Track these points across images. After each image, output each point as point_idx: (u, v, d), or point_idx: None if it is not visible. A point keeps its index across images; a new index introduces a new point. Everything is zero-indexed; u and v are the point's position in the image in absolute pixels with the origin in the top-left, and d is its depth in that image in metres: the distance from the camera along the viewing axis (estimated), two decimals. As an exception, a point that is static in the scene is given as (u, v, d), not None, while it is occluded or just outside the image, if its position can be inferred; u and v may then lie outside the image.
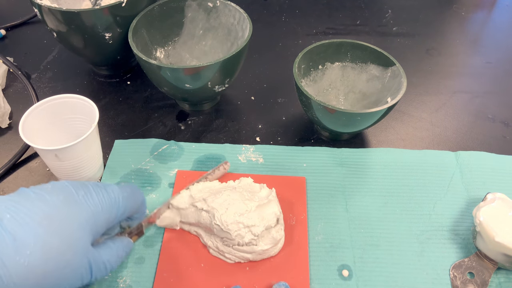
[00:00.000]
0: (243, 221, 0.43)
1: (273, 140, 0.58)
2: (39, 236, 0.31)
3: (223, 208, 0.43)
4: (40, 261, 0.31)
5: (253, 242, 0.43)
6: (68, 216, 0.34)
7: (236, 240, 0.43)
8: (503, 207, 0.45)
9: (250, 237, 0.43)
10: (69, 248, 0.33)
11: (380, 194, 0.51)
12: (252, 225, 0.43)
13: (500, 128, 0.61)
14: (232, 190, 0.46)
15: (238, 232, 0.42)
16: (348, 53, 0.59)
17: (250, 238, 0.43)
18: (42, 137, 0.49)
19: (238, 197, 0.45)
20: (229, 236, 0.43)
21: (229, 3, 0.60)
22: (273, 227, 0.44)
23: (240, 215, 0.43)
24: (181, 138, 0.58)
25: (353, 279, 0.44)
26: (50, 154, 0.45)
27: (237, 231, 0.42)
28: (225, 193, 0.45)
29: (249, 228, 0.43)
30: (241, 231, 0.43)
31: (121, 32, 0.58)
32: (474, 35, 0.79)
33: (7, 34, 0.75)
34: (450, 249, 0.47)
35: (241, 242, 0.43)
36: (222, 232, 0.43)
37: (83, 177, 0.49)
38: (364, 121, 0.51)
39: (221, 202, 0.44)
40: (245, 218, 0.43)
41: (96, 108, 0.48)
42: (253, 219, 0.43)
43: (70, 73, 0.68)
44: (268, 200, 0.45)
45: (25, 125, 0.47)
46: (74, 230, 0.34)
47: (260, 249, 0.43)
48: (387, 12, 0.84)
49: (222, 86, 0.56)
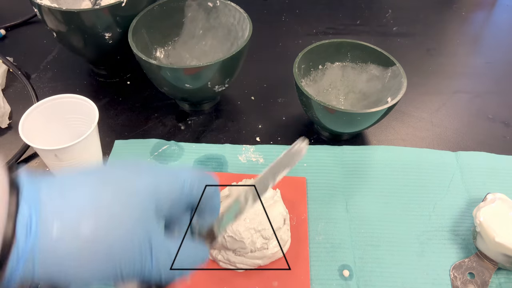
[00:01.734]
0: (254, 226, 0.42)
1: (273, 140, 0.58)
2: (89, 196, 0.26)
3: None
4: (90, 222, 0.25)
5: (264, 246, 0.43)
6: (125, 176, 0.28)
7: (248, 248, 0.42)
8: (503, 207, 0.45)
9: (262, 241, 0.42)
10: (124, 209, 0.27)
11: (381, 194, 0.51)
12: (262, 229, 0.42)
13: (500, 128, 0.61)
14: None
15: (251, 239, 0.42)
16: (348, 53, 0.59)
17: (262, 243, 0.42)
18: (42, 137, 0.48)
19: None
20: (243, 246, 0.42)
21: (229, 3, 0.60)
22: (281, 227, 0.44)
23: (250, 220, 0.42)
24: (181, 138, 0.58)
25: (354, 279, 0.44)
26: (50, 154, 0.45)
27: (250, 238, 0.42)
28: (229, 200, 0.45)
29: (260, 233, 0.42)
30: (253, 237, 0.42)
31: (121, 32, 0.57)
32: (474, 35, 0.79)
33: (7, 34, 0.75)
34: (451, 250, 0.47)
35: (253, 248, 0.42)
36: (236, 242, 0.42)
37: None
38: (364, 121, 0.51)
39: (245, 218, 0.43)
40: (255, 223, 0.42)
41: (96, 108, 0.48)
42: (263, 223, 0.42)
43: (70, 73, 0.67)
44: (274, 201, 0.45)
45: (25, 125, 0.47)
46: (131, 191, 0.28)
47: (270, 253, 0.43)
48: (387, 12, 0.83)
49: (222, 86, 0.56)
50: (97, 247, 0.26)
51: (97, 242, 0.26)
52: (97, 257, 0.26)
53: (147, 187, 0.28)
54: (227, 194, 0.46)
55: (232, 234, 0.42)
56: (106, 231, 0.26)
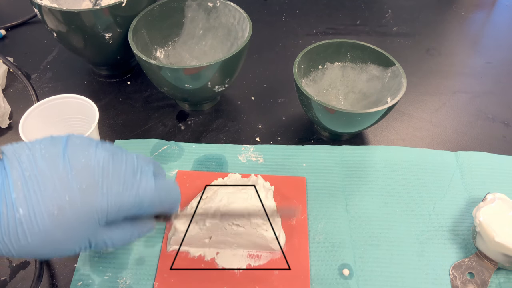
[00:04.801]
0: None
1: (273, 140, 0.58)
2: (43, 216, 0.30)
3: (224, 201, 0.44)
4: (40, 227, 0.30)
5: (263, 227, 0.43)
6: (82, 205, 0.31)
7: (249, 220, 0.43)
8: (503, 207, 0.45)
9: (260, 221, 0.43)
10: (70, 232, 0.31)
11: (381, 194, 0.51)
12: (259, 210, 0.43)
13: (500, 128, 0.61)
14: (223, 188, 0.46)
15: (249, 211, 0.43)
16: (348, 53, 0.59)
17: (261, 222, 0.43)
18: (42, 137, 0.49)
19: (234, 189, 0.45)
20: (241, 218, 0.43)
21: (229, 3, 0.60)
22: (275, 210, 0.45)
23: (244, 202, 0.43)
24: (181, 138, 0.58)
25: (354, 278, 0.44)
26: None
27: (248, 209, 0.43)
28: (219, 192, 0.45)
29: (257, 213, 0.43)
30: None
31: (121, 32, 0.58)
32: (474, 35, 0.79)
33: (7, 34, 0.75)
34: (450, 249, 0.47)
35: (253, 223, 0.43)
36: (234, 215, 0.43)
37: None
38: (364, 121, 0.51)
39: (219, 199, 0.44)
40: (249, 205, 0.43)
41: (96, 108, 0.48)
42: (257, 206, 0.43)
43: (70, 73, 0.68)
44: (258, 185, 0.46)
45: (25, 125, 0.47)
46: (81, 221, 0.31)
47: (271, 237, 0.44)
48: (387, 12, 0.84)
49: (222, 86, 0.56)
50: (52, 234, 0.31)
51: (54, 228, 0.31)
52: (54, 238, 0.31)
53: (98, 214, 0.32)
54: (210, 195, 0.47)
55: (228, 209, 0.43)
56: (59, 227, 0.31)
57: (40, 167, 0.30)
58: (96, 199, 0.32)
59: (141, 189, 0.33)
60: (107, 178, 0.32)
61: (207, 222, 0.43)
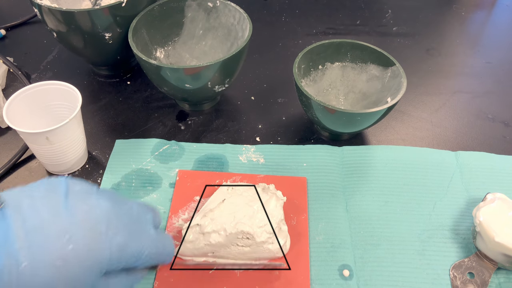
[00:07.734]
0: (256, 223, 0.42)
1: (273, 140, 0.58)
2: (47, 271, 0.30)
3: (231, 217, 0.43)
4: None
5: (269, 241, 0.43)
6: (86, 256, 0.31)
7: (256, 239, 0.42)
8: (503, 207, 0.45)
9: (266, 236, 0.42)
10: (72, 283, 0.31)
11: (381, 194, 0.51)
12: (264, 225, 0.42)
13: (500, 128, 0.61)
14: (232, 197, 0.45)
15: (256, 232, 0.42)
16: (348, 53, 0.59)
17: (266, 237, 0.42)
18: (27, 124, 0.49)
19: (240, 201, 0.44)
20: (250, 237, 0.42)
21: (229, 3, 0.60)
22: (283, 219, 0.44)
23: (250, 218, 0.42)
24: (181, 138, 0.58)
25: (354, 279, 0.44)
26: (41, 137, 0.46)
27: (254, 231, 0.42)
28: (226, 202, 0.44)
29: (263, 228, 0.42)
30: (256, 232, 0.42)
31: (121, 32, 0.58)
32: (474, 35, 0.79)
33: (7, 34, 0.75)
34: (450, 249, 0.47)
35: (259, 241, 0.42)
36: (241, 237, 0.42)
37: (69, 161, 0.51)
38: (364, 121, 0.51)
39: (227, 213, 0.43)
40: (256, 220, 0.42)
41: (79, 94, 0.49)
42: (263, 219, 0.43)
43: (70, 73, 0.68)
44: (269, 196, 0.45)
45: (9, 112, 0.48)
46: (84, 271, 0.31)
47: (277, 248, 0.43)
48: (387, 12, 0.84)
49: (222, 86, 0.56)
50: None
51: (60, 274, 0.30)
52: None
53: (100, 265, 0.32)
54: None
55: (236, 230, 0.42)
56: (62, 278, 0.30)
57: (42, 216, 0.30)
58: (100, 249, 0.31)
59: (142, 240, 0.34)
60: (110, 228, 0.32)
61: (212, 240, 0.42)
